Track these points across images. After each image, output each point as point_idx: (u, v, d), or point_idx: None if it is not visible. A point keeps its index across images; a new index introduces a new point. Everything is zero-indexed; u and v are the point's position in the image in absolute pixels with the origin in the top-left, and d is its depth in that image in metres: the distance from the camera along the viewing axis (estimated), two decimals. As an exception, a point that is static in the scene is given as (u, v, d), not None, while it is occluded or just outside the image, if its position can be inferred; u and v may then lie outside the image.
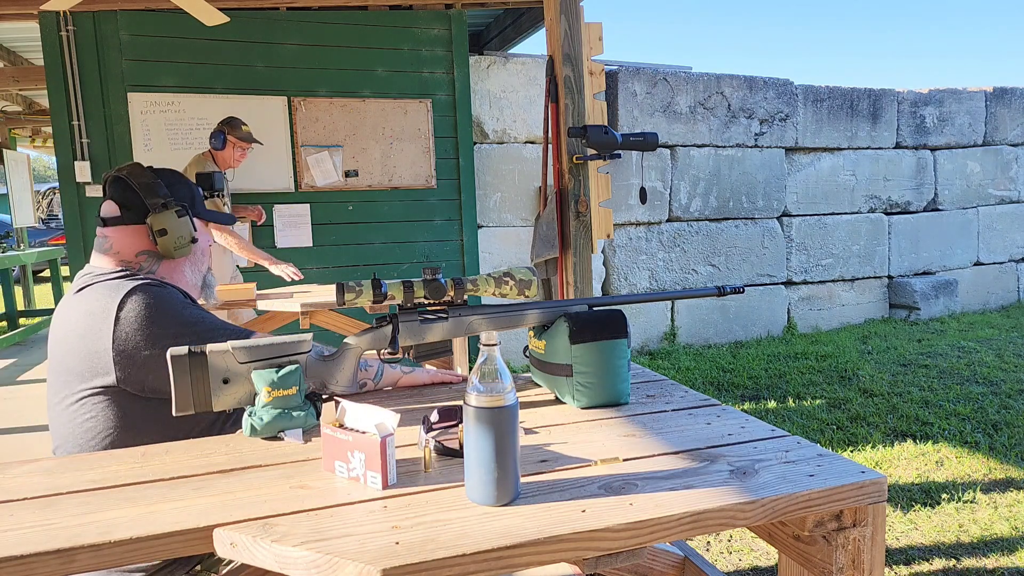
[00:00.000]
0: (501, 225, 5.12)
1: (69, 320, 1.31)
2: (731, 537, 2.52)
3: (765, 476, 0.96)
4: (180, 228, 1.40)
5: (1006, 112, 6.68)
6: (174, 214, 1.39)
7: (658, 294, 1.42)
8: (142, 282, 1.33)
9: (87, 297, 1.31)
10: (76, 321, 1.29)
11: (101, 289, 1.31)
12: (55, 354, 1.32)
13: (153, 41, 4.24)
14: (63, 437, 1.31)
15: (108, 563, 0.83)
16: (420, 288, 1.31)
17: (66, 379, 1.29)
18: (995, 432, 3.43)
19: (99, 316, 1.27)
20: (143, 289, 1.31)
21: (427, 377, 1.49)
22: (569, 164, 2.78)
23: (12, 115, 8.12)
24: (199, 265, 1.52)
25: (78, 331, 1.28)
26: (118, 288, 1.30)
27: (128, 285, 1.31)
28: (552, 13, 2.77)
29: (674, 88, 5.43)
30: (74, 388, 1.28)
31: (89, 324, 1.27)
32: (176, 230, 1.40)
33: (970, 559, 2.32)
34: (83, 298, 1.31)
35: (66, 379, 1.29)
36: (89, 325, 1.27)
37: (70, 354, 1.28)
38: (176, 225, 1.40)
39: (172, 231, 1.39)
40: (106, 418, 1.28)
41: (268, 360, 1.20)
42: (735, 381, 4.49)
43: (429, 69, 4.79)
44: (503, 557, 0.79)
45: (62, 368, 1.30)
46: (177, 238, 1.40)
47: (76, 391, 1.28)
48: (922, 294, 6.20)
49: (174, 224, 1.40)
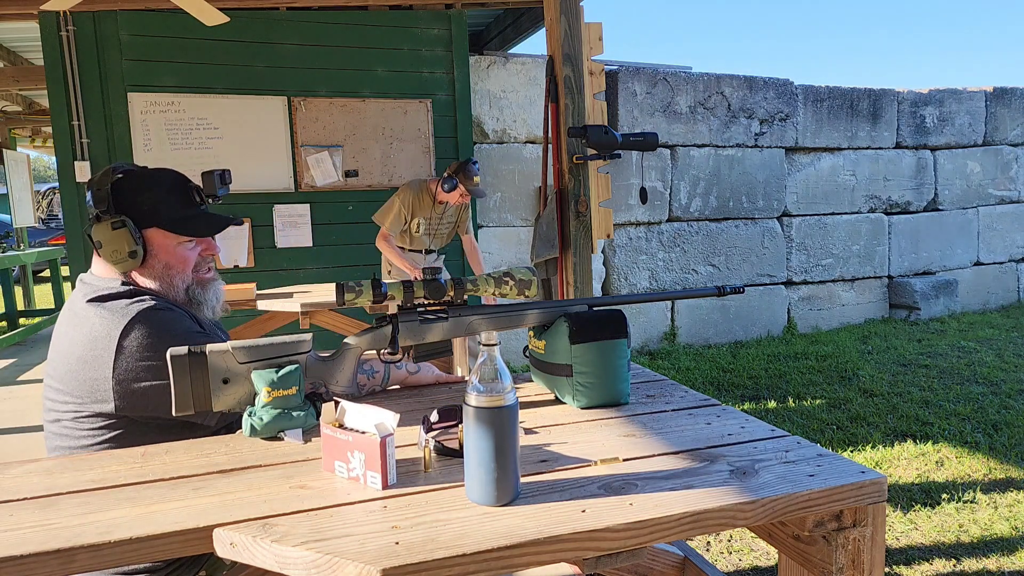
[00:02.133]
0: (501, 225, 5.12)
1: (73, 340, 1.29)
2: (731, 537, 2.52)
3: (765, 476, 0.96)
4: (114, 241, 1.33)
5: (1006, 112, 6.68)
6: (108, 226, 1.33)
7: (658, 294, 1.42)
8: (148, 306, 1.30)
9: (92, 320, 1.28)
10: (79, 344, 1.27)
11: (106, 313, 1.28)
12: (57, 368, 1.30)
13: (153, 41, 4.24)
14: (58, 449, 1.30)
15: (108, 563, 0.83)
16: (420, 288, 1.31)
17: (65, 398, 1.27)
18: (995, 432, 3.43)
19: (102, 343, 1.25)
20: (146, 317, 1.27)
21: (432, 378, 1.49)
22: (569, 164, 2.78)
23: (12, 115, 8.12)
24: (166, 279, 1.40)
25: (80, 355, 1.26)
26: (124, 313, 1.27)
27: (133, 311, 1.28)
28: (552, 13, 2.77)
29: (674, 88, 5.43)
30: (72, 407, 1.27)
31: (92, 350, 1.25)
32: (110, 243, 1.33)
33: (970, 559, 2.32)
34: (88, 319, 1.29)
35: (65, 398, 1.27)
36: (92, 351, 1.25)
37: (71, 376, 1.27)
38: (110, 237, 1.33)
39: (106, 243, 1.33)
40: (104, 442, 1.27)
41: (268, 360, 1.20)
42: (735, 381, 4.49)
43: (429, 69, 4.79)
44: (503, 557, 0.79)
45: (62, 385, 1.28)
46: (112, 252, 1.33)
47: (73, 411, 1.27)
48: (922, 294, 6.20)
49: (108, 236, 1.33)
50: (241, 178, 4.43)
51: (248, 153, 4.47)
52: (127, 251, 1.34)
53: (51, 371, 1.32)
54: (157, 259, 1.38)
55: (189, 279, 1.43)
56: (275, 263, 4.59)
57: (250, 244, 4.51)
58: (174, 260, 1.40)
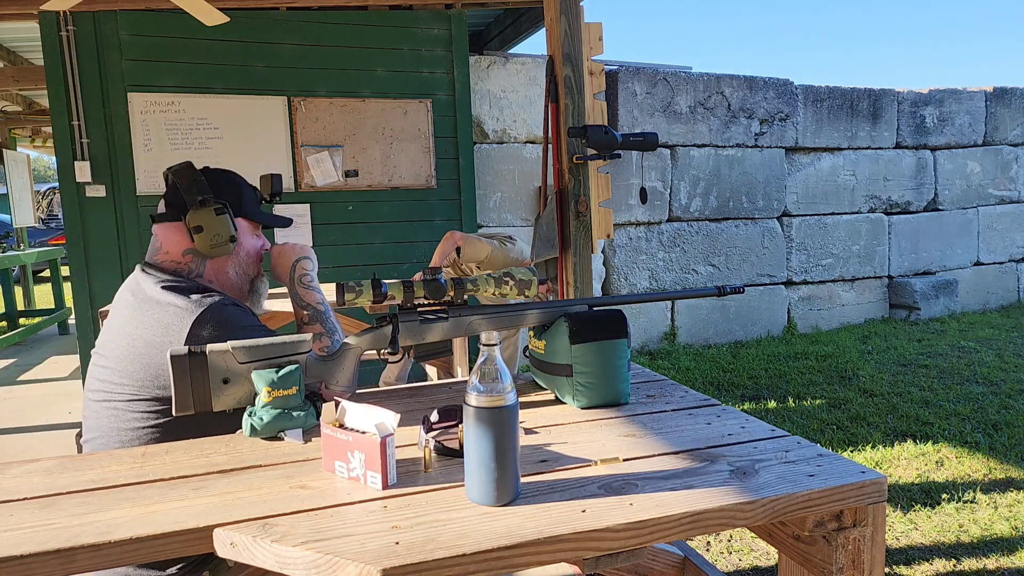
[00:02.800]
0: (501, 225, 5.12)
1: (142, 323, 1.29)
2: (731, 537, 2.52)
3: (765, 476, 0.96)
4: (217, 226, 1.39)
5: (1006, 112, 6.68)
6: (212, 211, 1.39)
7: (658, 294, 1.42)
8: (220, 300, 1.33)
9: (166, 307, 1.30)
10: (149, 328, 1.28)
11: (181, 301, 1.30)
12: (116, 349, 1.30)
13: (153, 41, 4.24)
14: (101, 430, 1.30)
15: (108, 563, 0.83)
16: (420, 288, 1.31)
17: (122, 379, 1.28)
18: (995, 432, 3.43)
19: (175, 330, 1.26)
20: (219, 310, 1.30)
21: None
22: (569, 164, 2.78)
23: (12, 115, 8.12)
24: (245, 268, 1.49)
25: (149, 339, 1.27)
26: (199, 304, 1.30)
27: (207, 303, 1.30)
28: (552, 13, 2.77)
29: (674, 88, 5.43)
30: (129, 390, 1.27)
31: (164, 336, 1.27)
32: (212, 228, 1.39)
33: (970, 559, 2.32)
34: (161, 305, 1.30)
35: (122, 379, 1.28)
36: (164, 337, 1.27)
37: (136, 357, 1.27)
38: (213, 223, 1.39)
39: (208, 228, 1.38)
40: (153, 427, 1.27)
41: (268, 360, 1.20)
42: (735, 381, 4.49)
43: (429, 69, 4.79)
44: (503, 557, 0.79)
45: (121, 366, 1.29)
46: (213, 236, 1.39)
47: (131, 394, 1.27)
48: (922, 294, 6.20)
49: (211, 221, 1.38)
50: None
51: (248, 153, 4.47)
52: (228, 236, 1.41)
53: (108, 352, 1.33)
54: (242, 247, 1.47)
55: (258, 269, 1.53)
56: (275, 263, 4.59)
57: (250, 244, 4.51)
58: (252, 251, 1.50)
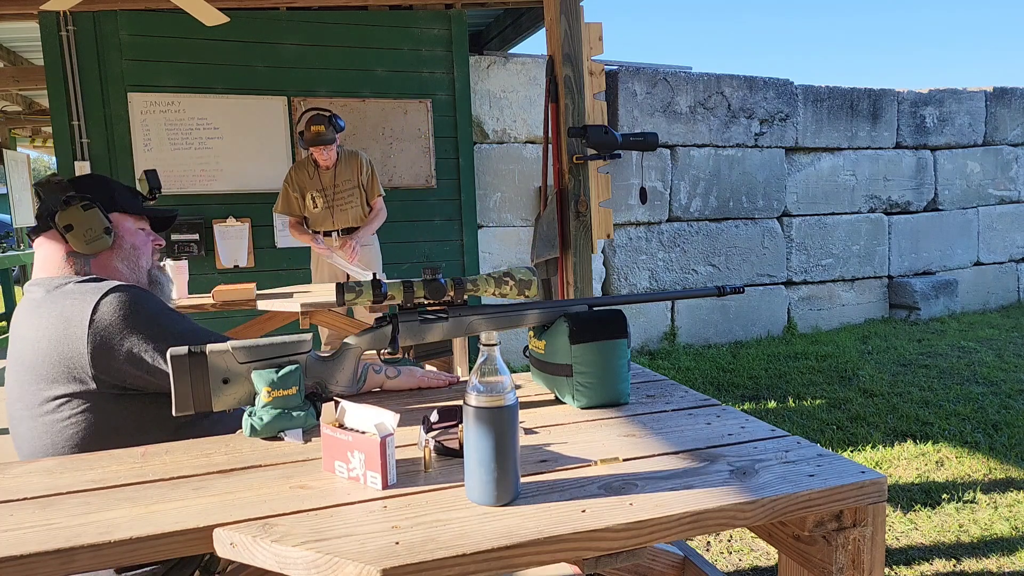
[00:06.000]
0: (501, 225, 5.12)
1: (40, 325, 1.28)
2: (731, 537, 2.52)
3: (765, 476, 0.96)
4: (87, 220, 1.37)
5: (1006, 112, 6.68)
6: (79, 208, 1.37)
7: (658, 294, 1.42)
8: (120, 284, 1.32)
9: (61, 302, 1.29)
10: (49, 326, 1.26)
11: (75, 294, 1.29)
12: (22, 360, 1.29)
13: (153, 41, 4.24)
14: (33, 447, 1.28)
15: (108, 563, 0.83)
16: (420, 288, 1.31)
17: (37, 387, 1.26)
18: (995, 432, 3.43)
19: (75, 320, 1.25)
20: (120, 289, 1.30)
21: (414, 381, 1.44)
22: (569, 164, 2.78)
23: (12, 115, 8.12)
24: (134, 260, 1.47)
25: (51, 336, 1.26)
26: (95, 291, 1.29)
27: (105, 287, 1.30)
28: (552, 13, 2.77)
29: (674, 88, 5.43)
30: (47, 394, 1.26)
31: (64, 328, 1.25)
32: (83, 223, 1.37)
33: (970, 559, 2.32)
34: (56, 303, 1.29)
35: (37, 387, 1.26)
36: (64, 329, 1.25)
37: (42, 359, 1.26)
38: (82, 218, 1.37)
39: (78, 224, 1.37)
40: (82, 421, 1.26)
41: (268, 360, 1.20)
42: (735, 381, 4.49)
43: (429, 69, 4.79)
44: (503, 557, 0.79)
45: (32, 375, 1.27)
46: (86, 230, 1.37)
47: (49, 397, 1.26)
48: (922, 294, 6.20)
49: (79, 217, 1.37)
50: (241, 178, 4.44)
51: (248, 153, 4.47)
52: (101, 228, 1.39)
53: (15, 364, 1.31)
54: (124, 240, 1.45)
55: (151, 261, 1.52)
56: (275, 263, 4.60)
57: (250, 244, 4.51)
58: (138, 242, 1.48)
